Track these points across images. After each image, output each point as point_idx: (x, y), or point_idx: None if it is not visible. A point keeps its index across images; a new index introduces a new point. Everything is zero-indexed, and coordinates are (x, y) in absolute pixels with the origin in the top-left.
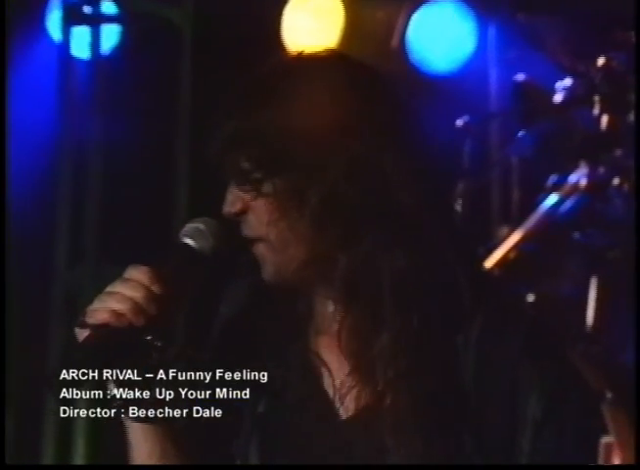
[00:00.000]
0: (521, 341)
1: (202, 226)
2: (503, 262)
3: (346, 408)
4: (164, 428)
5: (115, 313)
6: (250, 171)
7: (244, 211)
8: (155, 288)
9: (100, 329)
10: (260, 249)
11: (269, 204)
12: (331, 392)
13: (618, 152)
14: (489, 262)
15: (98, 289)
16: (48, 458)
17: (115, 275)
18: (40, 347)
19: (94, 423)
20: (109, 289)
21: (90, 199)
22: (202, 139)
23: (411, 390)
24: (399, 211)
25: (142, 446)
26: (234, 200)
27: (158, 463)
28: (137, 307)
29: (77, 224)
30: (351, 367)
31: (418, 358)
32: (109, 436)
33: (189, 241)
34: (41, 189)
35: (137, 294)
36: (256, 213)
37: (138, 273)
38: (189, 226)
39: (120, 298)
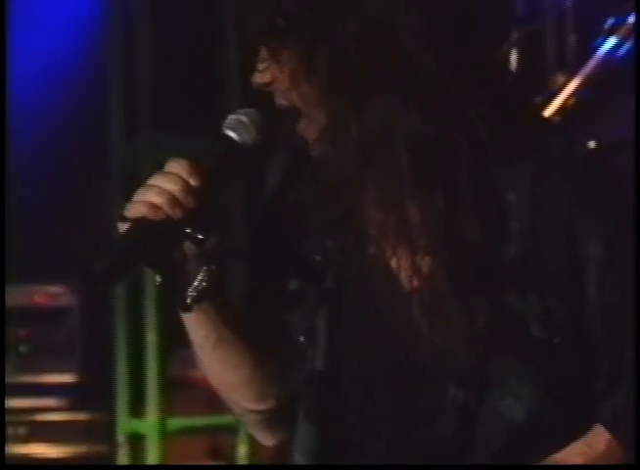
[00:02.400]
0: (577, 182)
1: (244, 118)
2: (561, 110)
3: (406, 281)
4: (218, 313)
5: (153, 206)
6: (266, 39)
7: (272, 82)
8: (193, 181)
9: (137, 222)
10: (302, 125)
11: (287, 72)
12: (394, 264)
13: None
14: (548, 111)
15: (155, 158)
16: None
17: (171, 144)
18: (101, 221)
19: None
20: (148, 182)
21: (142, 69)
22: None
23: (450, 259)
24: (415, 73)
25: (197, 332)
26: (261, 70)
27: (216, 346)
28: (174, 200)
29: (131, 95)
30: (383, 236)
31: (455, 223)
32: None
33: (231, 133)
34: (94, 63)
35: (175, 187)
36: (282, 82)
37: (177, 166)
38: (231, 118)
39: (158, 191)
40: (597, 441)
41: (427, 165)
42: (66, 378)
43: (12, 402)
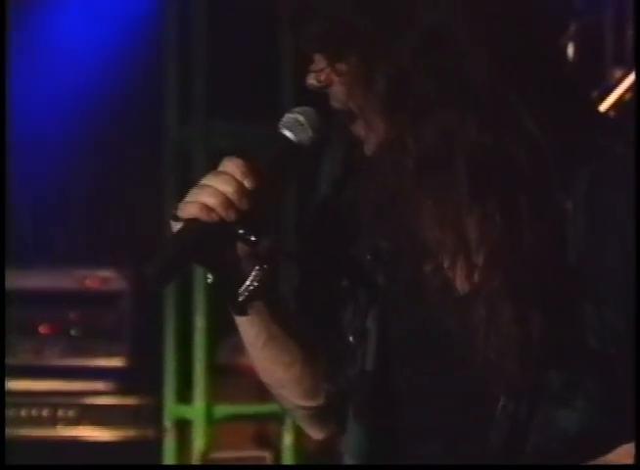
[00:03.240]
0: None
1: (301, 118)
2: (618, 104)
3: (462, 292)
4: (270, 312)
5: (206, 207)
6: (323, 47)
7: (327, 85)
8: (247, 182)
9: (190, 223)
10: (356, 126)
11: (344, 84)
12: (450, 275)
13: None
14: (604, 105)
15: (209, 145)
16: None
17: (225, 131)
18: (154, 206)
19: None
20: (202, 182)
21: (197, 55)
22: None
23: (507, 273)
24: (473, 85)
25: (248, 331)
26: (316, 75)
27: (266, 345)
28: (228, 202)
29: (185, 80)
30: (439, 250)
31: (513, 237)
32: None
33: (287, 133)
34: (150, 48)
35: (229, 188)
36: (338, 91)
37: (232, 166)
38: (288, 117)
39: (212, 192)
40: None
41: (485, 180)
42: (115, 362)
43: (61, 385)
